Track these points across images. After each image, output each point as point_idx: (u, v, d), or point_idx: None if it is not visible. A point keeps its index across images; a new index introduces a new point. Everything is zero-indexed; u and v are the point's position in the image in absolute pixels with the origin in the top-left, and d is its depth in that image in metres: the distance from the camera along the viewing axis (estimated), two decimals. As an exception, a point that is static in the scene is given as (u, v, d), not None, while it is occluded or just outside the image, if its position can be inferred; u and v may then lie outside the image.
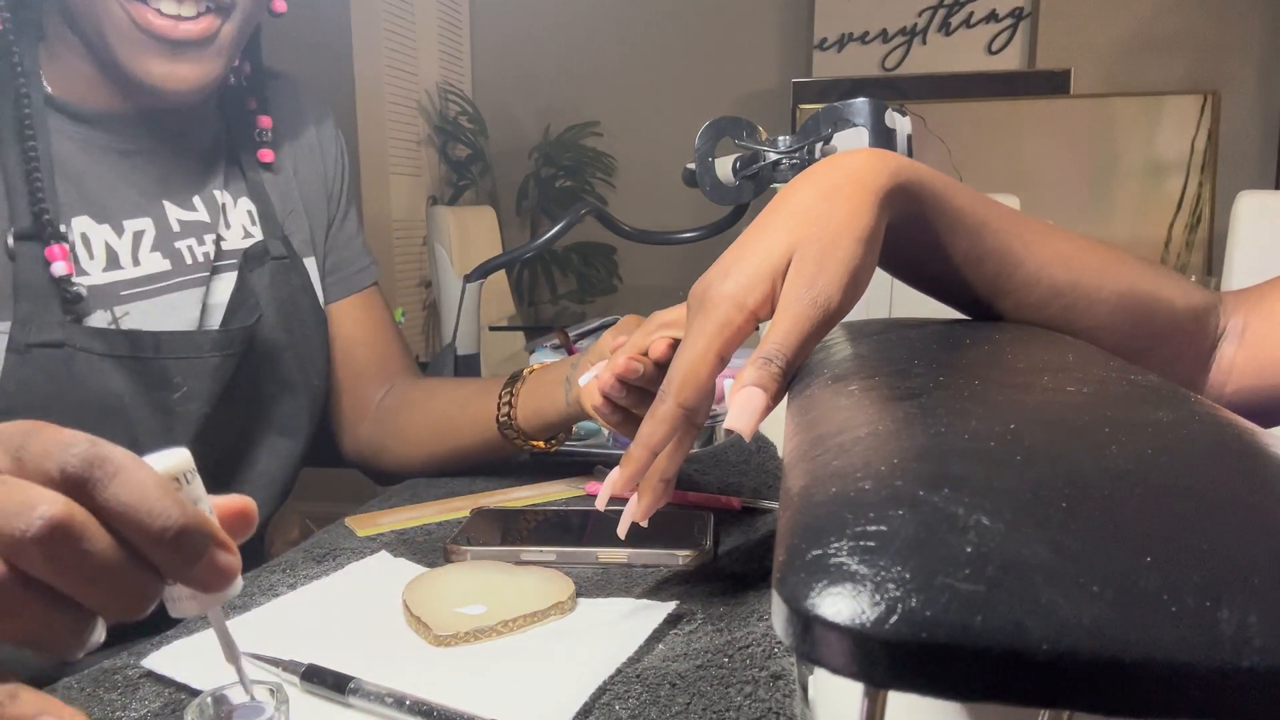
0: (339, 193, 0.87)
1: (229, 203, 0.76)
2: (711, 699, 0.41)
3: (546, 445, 0.75)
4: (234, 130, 0.78)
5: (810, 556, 0.19)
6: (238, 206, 0.76)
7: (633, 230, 0.84)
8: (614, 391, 0.53)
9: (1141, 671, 0.15)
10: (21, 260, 0.61)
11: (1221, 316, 0.54)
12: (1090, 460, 0.21)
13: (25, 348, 0.60)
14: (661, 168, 3.27)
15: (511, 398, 0.73)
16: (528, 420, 0.72)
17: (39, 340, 0.60)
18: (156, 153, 0.70)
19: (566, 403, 0.69)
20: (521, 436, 0.73)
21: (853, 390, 0.31)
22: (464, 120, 3.47)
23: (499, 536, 0.61)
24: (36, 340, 0.60)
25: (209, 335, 0.70)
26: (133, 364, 0.65)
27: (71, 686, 0.45)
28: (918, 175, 0.44)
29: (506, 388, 0.74)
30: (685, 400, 0.42)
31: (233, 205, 0.76)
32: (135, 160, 0.69)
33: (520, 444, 0.74)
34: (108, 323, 0.65)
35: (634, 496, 0.47)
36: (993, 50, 3.23)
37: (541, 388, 0.72)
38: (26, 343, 0.60)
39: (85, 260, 0.65)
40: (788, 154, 0.70)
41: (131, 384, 0.65)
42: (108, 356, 0.64)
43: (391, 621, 0.50)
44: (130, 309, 0.66)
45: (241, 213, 0.76)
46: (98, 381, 0.64)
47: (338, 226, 0.86)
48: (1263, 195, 1.58)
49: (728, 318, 0.41)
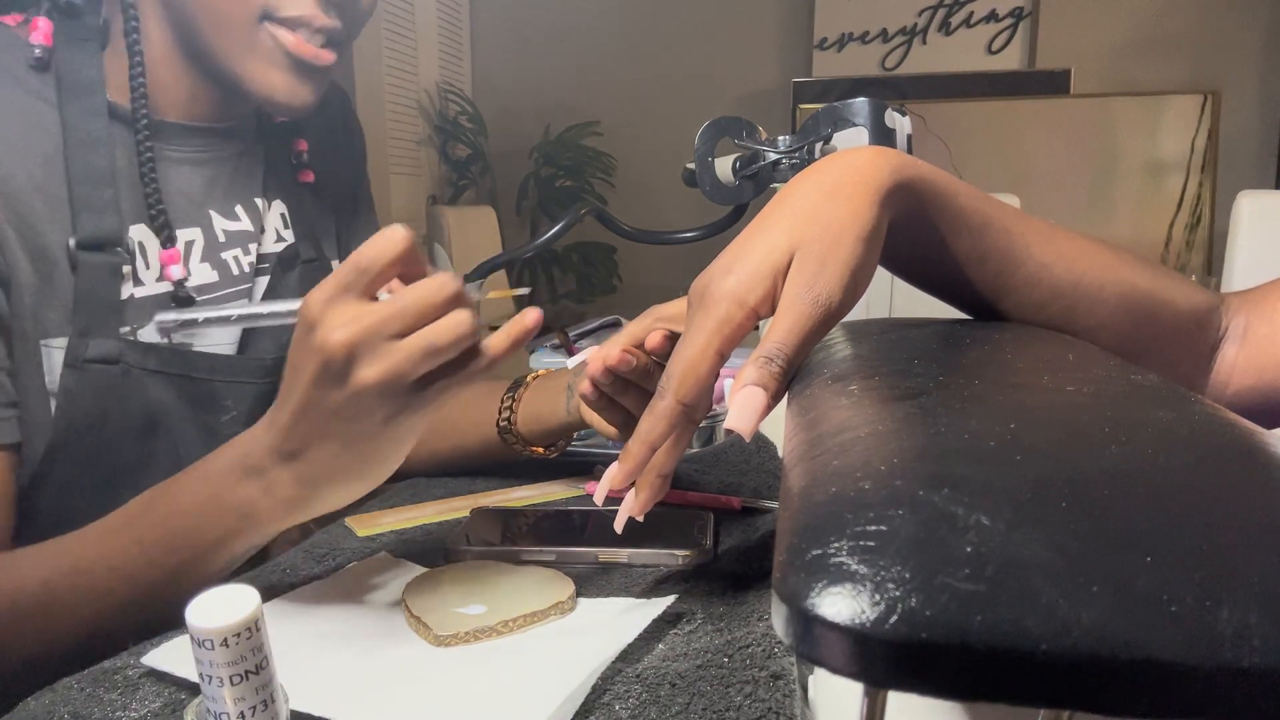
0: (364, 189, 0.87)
1: (265, 208, 0.75)
2: (711, 699, 0.41)
3: (546, 452, 0.75)
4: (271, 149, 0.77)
5: (810, 556, 0.19)
6: (272, 209, 0.76)
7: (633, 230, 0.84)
8: (602, 378, 0.53)
9: (1141, 671, 0.15)
10: (83, 271, 0.60)
11: (1223, 317, 0.54)
12: (1090, 460, 0.21)
13: (82, 364, 0.59)
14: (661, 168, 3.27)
15: (513, 403, 0.73)
16: (528, 426, 0.72)
17: (96, 356, 0.60)
18: (202, 162, 0.70)
19: (567, 411, 0.69)
20: (521, 442, 0.74)
21: (853, 390, 0.31)
22: (464, 120, 3.47)
23: (499, 536, 0.61)
24: (94, 356, 0.59)
25: (262, 362, 0.70)
26: (185, 384, 0.65)
27: (71, 686, 0.45)
28: (920, 173, 0.44)
29: (508, 393, 0.74)
30: (684, 396, 0.42)
31: (268, 209, 0.76)
32: (183, 169, 0.68)
33: (520, 450, 0.74)
34: (159, 336, 0.64)
35: (631, 492, 0.47)
36: (993, 50, 3.23)
37: (542, 395, 0.72)
38: (84, 359, 0.59)
39: (141, 270, 0.64)
40: (788, 154, 0.70)
41: (182, 404, 0.65)
42: (161, 374, 0.63)
43: (391, 621, 0.50)
44: None
45: (275, 215, 0.76)
46: (149, 400, 0.63)
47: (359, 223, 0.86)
48: (1263, 195, 1.58)
49: (728, 315, 0.41)
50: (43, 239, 0.59)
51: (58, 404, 0.59)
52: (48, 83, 0.62)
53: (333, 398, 0.44)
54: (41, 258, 0.59)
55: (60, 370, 0.59)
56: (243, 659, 0.28)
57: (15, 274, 0.57)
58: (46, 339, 0.59)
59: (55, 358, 0.59)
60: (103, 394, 0.60)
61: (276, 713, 0.29)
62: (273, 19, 0.63)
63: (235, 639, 0.27)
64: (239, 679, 0.28)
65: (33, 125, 0.60)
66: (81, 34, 0.63)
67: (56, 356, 0.59)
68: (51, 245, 0.59)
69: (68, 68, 0.62)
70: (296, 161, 0.79)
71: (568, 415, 0.69)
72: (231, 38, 0.63)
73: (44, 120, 0.61)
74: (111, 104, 0.64)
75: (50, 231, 0.59)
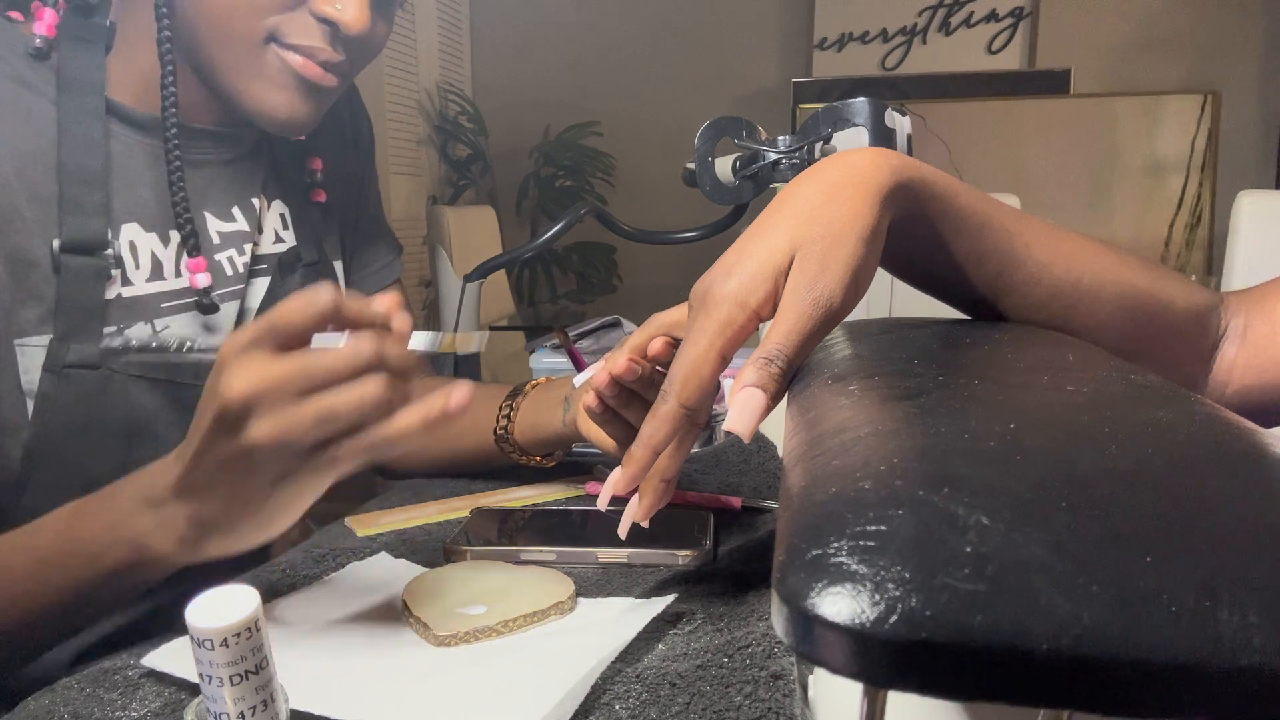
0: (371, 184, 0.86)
1: (264, 207, 0.74)
2: (711, 699, 0.41)
3: (543, 461, 0.75)
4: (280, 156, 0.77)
5: (810, 556, 0.19)
6: (271, 209, 0.75)
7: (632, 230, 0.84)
8: (607, 390, 0.53)
9: (1141, 671, 0.15)
10: (66, 274, 0.58)
11: (1223, 317, 0.54)
12: (1090, 460, 0.21)
13: (62, 368, 0.58)
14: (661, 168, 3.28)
15: (511, 412, 0.73)
16: (524, 436, 0.72)
17: (76, 361, 0.58)
18: (200, 164, 0.69)
19: (563, 423, 0.69)
20: (518, 451, 0.73)
21: (853, 390, 0.31)
22: (464, 120, 3.47)
23: (499, 536, 0.61)
24: (74, 361, 0.58)
25: None
26: (169, 388, 0.64)
27: (71, 687, 0.45)
28: (920, 174, 0.44)
29: (507, 401, 0.73)
30: (687, 400, 0.42)
31: (267, 208, 0.75)
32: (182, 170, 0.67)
33: (516, 458, 0.74)
34: (148, 335, 0.63)
35: (635, 497, 0.47)
36: (993, 50, 3.23)
37: (540, 405, 0.71)
38: (63, 364, 0.58)
39: (131, 270, 0.63)
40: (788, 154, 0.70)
41: (166, 410, 0.64)
42: (144, 380, 0.62)
43: (391, 621, 0.50)
44: (170, 321, 0.65)
45: (275, 216, 0.75)
46: (133, 406, 0.62)
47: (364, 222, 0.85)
48: (1263, 195, 1.57)
49: (730, 317, 0.40)
50: (21, 236, 0.57)
51: (35, 408, 0.58)
52: (46, 77, 0.61)
53: (225, 448, 0.43)
54: (18, 255, 0.57)
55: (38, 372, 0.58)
56: (243, 659, 0.28)
57: None
58: (22, 338, 0.57)
59: (31, 356, 0.58)
60: (84, 400, 0.59)
61: (276, 713, 0.29)
62: (280, 43, 0.62)
63: (235, 639, 0.27)
64: (239, 679, 0.28)
65: (23, 119, 0.59)
66: (87, 33, 0.62)
67: (32, 355, 0.58)
68: (33, 243, 0.58)
69: (69, 65, 0.61)
70: (310, 180, 0.78)
71: (564, 427, 0.69)
72: (235, 56, 0.62)
73: (37, 114, 0.60)
74: (112, 102, 0.63)
75: (32, 229, 0.58)
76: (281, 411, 0.41)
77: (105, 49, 0.63)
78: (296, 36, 0.62)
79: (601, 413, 0.55)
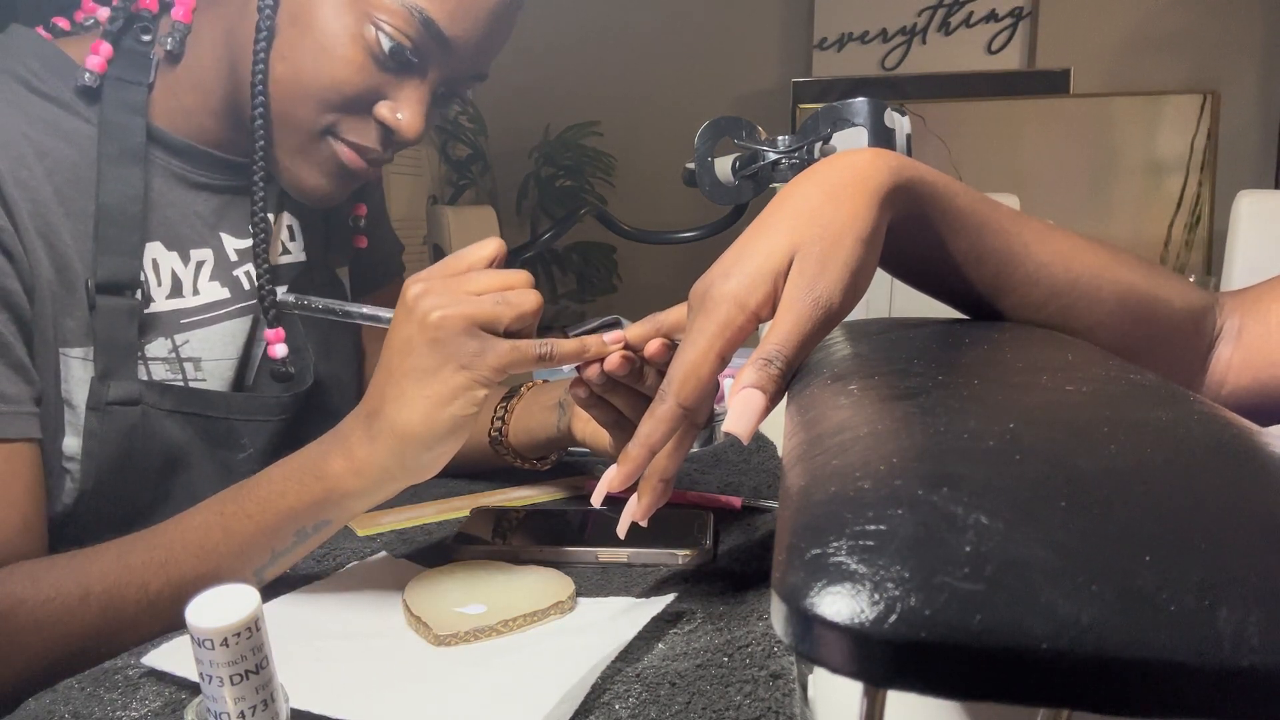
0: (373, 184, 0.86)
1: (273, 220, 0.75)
2: (711, 698, 0.41)
3: (537, 464, 0.75)
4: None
5: (809, 556, 0.19)
6: (280, 222, 0.75)
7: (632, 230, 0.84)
8: (596, 379, 0.53)
9: (1140, 671, 0.15)
10: (101, 314, 0.60)
11: (1219, 317, 0.54)
12: (1090, 460, 0.21)
13: (105, 406, 0.60)
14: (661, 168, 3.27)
15: (505, 414, 0.73)
16: (518, 438, 0.72)
17: (117, 398, 0.60)
18: (221, 189, 0.69)
19: (558, 427, 0.69)
20: (512, 454, 0.73)
21: (852, 390, 0.31)
22: (464, 120, 3.47)
23: (499, 536, 0.61)
24: (115, 398, 0.60)
25: (277, 399, 0.70)
26: (202, 422, 0.66)
27: (72, 686, 0.45)
28: (919, 175, 0.44)
29: (501, 403, 0.73)
30: (685, 400, 0.42)
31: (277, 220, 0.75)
32: (202, 193, 0.68)
33: (510, 460, 0.74)
34: (168, 350, 0.64)
35: (634, 496, 0.47)
36: (992, 50, 3.23)
37: (534, 408, 0.71)
38: (106, 401, 0.60)
39: (153, 287, 0.64)
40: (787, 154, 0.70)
41: (199, 442, 0.66)
42: (178, 414, 0.64)
43: (391, 621, 0.50)
44: (189, 336, 0.66)
45: (282, 228, 0.75)
46: (168, 439, 0.64)
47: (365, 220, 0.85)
48: (1262, 195, 1.58)
49: (729, 317, 0.41)
50: (65, 251, 0.59)
51: (83, 448, 0.60)
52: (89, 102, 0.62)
53: (414, 340, 0.48)
54: (64, 267, 0.59)
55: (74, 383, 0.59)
56: (243, 659, 0.28)
57: (38, 281, 0.57)
58: (65, 347, 0.59)
59: (72, 367, 0.59)
60: (125, 435, 0.61)
61: (276, 712, 0.29)
62: (335, 136, 0.64)
63: (235, 639, 0.27)
64: (239, 679, 0.28)
65: (64, 140, 0.60)
66: (133, 74, 0.63)
67: (74, 366, 0.59)
68: (71, 260, 0.59)
69: (112, 105, 0.62)
70: (354, 225, 0.81)
71: (559, 431, 0.69)
72: (288, 136, 0.64)
73: (77, 135, 0.61)
74: (152, 128, 0.64)
75: (69, 245, 0.59)
76: (463, 299, 0.48)
77: (149, 89, 0.64)
78: (353, 134, 0.64)
79: (587, 397, 0.55)
